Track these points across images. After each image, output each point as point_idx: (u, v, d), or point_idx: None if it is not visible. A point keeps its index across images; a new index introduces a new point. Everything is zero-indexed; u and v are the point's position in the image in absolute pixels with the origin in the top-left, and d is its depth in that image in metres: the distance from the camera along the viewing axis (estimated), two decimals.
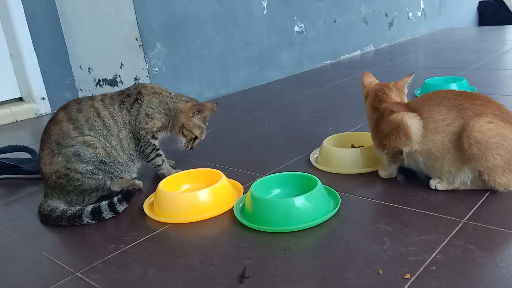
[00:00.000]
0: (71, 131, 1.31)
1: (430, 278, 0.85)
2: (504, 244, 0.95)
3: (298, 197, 1.11)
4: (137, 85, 1.48)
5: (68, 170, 1.29)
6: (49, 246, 1.17)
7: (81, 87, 2.83)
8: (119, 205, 1.25)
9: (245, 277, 0.92)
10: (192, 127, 1.47)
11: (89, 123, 1.33)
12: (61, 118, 1.34)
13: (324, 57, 3.36)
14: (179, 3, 2.45)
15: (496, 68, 2.64)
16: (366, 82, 1.36)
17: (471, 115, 1.12)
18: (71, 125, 1.32)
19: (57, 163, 1.29)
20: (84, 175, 1.30)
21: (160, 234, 1.15)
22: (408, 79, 1.34)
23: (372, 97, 1.31)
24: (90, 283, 0.97)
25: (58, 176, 1.30)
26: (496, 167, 1.09)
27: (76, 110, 1.35)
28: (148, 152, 1.42)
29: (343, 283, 0.87)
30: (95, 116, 1.35)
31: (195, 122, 1.47)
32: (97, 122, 1.34)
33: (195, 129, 1.48)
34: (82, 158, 1.30)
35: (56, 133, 1.31)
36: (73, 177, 1.29)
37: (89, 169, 1.30)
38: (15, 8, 2.55)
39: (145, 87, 1.46)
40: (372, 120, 1.30)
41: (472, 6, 5.21)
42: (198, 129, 1.48)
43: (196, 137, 1.49)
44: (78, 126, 1.32)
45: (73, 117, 1.33)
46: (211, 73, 2.66)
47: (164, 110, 1.44)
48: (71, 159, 1.29)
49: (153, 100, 1.42)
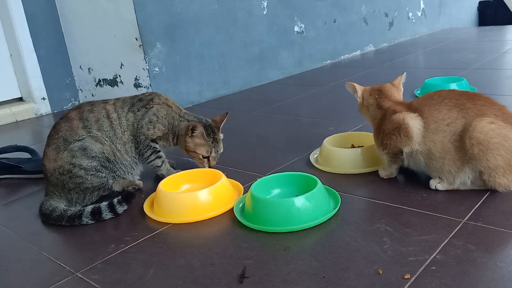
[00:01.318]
0: (79, 130, 1.33)
1: (430, 278, 0.85)
2: (504, 244, 0.95)
3: (298, 197, 1.11)
4: (152, 93, 1.48)
5: (72, 165, 1.30)
6: (49, 246, 1.17)
7: (81, 87, 2.83)
8: (119, 206, 1.25)
9: (245, 277, 0.92)
10: (194, 147, 1.42)
11: (98, 123, 1.35)
12: (73, 116, 1.36)
13: (324, 57, 3.36)
14: (179, 3, 2.45)
15: (496, 68, 2.65)
16: (357, 86, 1.36)
17: (472, 115, 1.12)
18: (81, 124, 1.34)
19: (62, 158, 1.30)
20: (88, 172, 1.30)
21: (160, 234, 1.15)
22: (401, 77, 1.37)
23: (376, 95, 1.32)
24: (90, 283, 0.97)
25: (61, 172, 1.30)
26: (497, 167, 1.10)
27: (89, 111, 1.37)
28: (148, 155, 1.42)
29: (343, 283, 0.87)
30: (105, 118, 1.37)
31: (195, 142, 1.41)
32: (105, 123, 1.36)
33: (199, 149, 1.42)
34: (88, 153, 1.31)
35: (64, 130, 1.33)
36: (76, 173, 1.30)
37: (93, 166, 1.31)
38: (15, 8, 2.55)
39: (159, 97, 1.46)
40: (376, 120, 1.30)
41: (472, 6, 5.21)
42: (202, 147, 1.42)
43: (204, 156, 1.43)
44: (87, 126, 1.34)
45: (84, 117, 1.36)
46: (211, 73, 2.66)
47: (168, 124, 1.43)
48: (77, 154, 1.30)
49: (161, 110, 1.42)
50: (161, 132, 1.42)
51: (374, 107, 1.32)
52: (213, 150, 1.44)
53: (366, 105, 1.34)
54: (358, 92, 1.36)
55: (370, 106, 1.33)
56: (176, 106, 1.48)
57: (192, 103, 2.56)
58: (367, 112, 1.35)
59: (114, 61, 2.54)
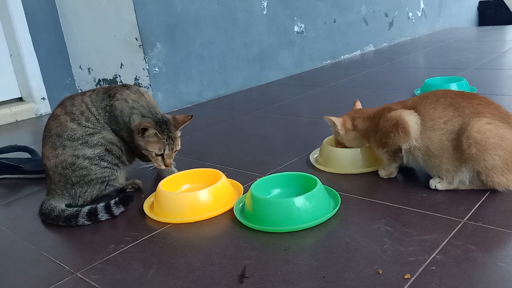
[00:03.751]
0: (68, 123, 1.34)
1: (430, 278, 0.85)
2: (504, 244, 0.95)
3: (298, 197, 1.11)
4: (118, 87, 1.42)
5: (75, 157, 1.31)
6: (49, 246, 1.17)
7: (81, 87, 2.83)
8: (116, 208, 1.25)
9: (245, 277, 0.92)
10: (145, 144, 1.34)
11: (84, 115, 1.36)
12: (58, 113, 1.37)
13: (324, 57, 3.36)
14: (179, 3, 2.45)
15: (496, 68, 2.65)
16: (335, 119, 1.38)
17: (469, 114, 1.12)
18: (68, 117, 1.35)
19: (63, 153, 1.31)
20: (92, 161, 1.31)
21: (160, 234, 1.15)
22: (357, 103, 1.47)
23: (357, 114, 1.37)
24: (90, 283, 0.97)
25: (64, 167, 1.31)
26: (495, 167, 1.10)
27: (71, 105, 1.38)
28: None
29: (343, 283, 0.87)
30: (87, 110, 1.37)
31: (146, 140, 1.33)
32: (89, 115, 1.36)
33: (150, 146, 1.34)
34: (89, 142, 1.32)
35: (55, 127, 1.35)
36: (80, 164, 1.31)
37: (97, 153, 1.32)
38: (15, 8, 2.55)
39: (122, 93, 1.38)
40: (369, 130, 1.33)
41: (472, 6, 5.21)
42: (154, 145, 1.33)
43: (158, 154, 1.35)
44: (75, 118, 1.35)
45: (69, 111, 1.36)
46: (211, 73, 2.66)
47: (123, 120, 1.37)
48: (78, 146, 1.31)
49: (118, 106, 1.37)
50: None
51: (362, 121, 1.34)
52: (167, 148, 1.35)
53: (351, 129, 1.36)
54: (338, 125, 1.37)
55: (357, 126, 1.35)
56: (136, 100, 1.38)
57: (192, 103, 2.56)
58: (355, 136, 1.37)
59: (114, 61, 2.54)
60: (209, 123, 1.55)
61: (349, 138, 1.38)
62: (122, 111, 1.36)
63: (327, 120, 1.40)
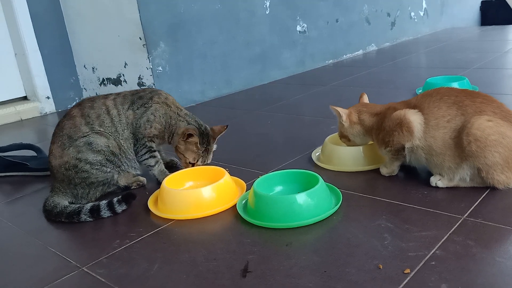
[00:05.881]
0: (82, 126, 1.35)
1: (430, 273, 0.87)
2: (503, 240, 0.96)
3: (300, 194, 1.12)
4: (153, 90, 1.48)
5: (77, 160, 1.32)
6: (54, 241, 1.19)
7: (85, 86, 2.85)
8: (118, 205, 1.26)
9: (248, 272, 0.94)
10: (184, 150, 1.42)
11: (100, 119, 1.37)
12: (75, 113, 1.38)
13: (326, 57, 3.37)
14: (182, 2, 2.47)
15: (498, 68, 2.65)
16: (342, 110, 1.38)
17: (471, 112, 1.13)
18: (83, 120, 1.36)
19: (67, 154, 1.32)
20: (93, 166, 1.32)
21: (164, 230, 1.16)
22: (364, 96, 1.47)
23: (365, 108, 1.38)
24: (96, 277, 0.98)
25: (67, 168, 1.32)
26: (495, 164, 1.11)
27: (89, 107, 1.39)
28: (142, 153, 1.42)
29: (344, 277, 0.88)
30: (105, 114, 1.38)
31: (187, 147, 1.41)
32: (106, 119, 1.37)
33: (187, 153, 1.42)
34: (94, 147, 1.33)
35: (68, 127, 1.35)
36: (82, 168, 1.32)
37: (98, 160, 1.33)
38: (19, 8, 2.57)
39: (159, 96, 1.45)
40: (374, 128, 1.33)
41: (474, 5, 5.21)
42: (191, 153, 1.42)
43: (191, 162, 1.43)
44: (89, 122, 1.36)
45: (86, 113, 1.37)
46: (213, 73, 2.68)
47: (165, 123, 1.43)
48: (82, 149, 1.32)
49: (159, 109, 1.43)
50: (157, 131, 1.42)
51: (368, 117, 1.34)
52: (200, 160, 1.44)
53: (357, 123, 1.36)
54: (343, 116, 1.37)
55: (363, 120, 1.36)
56: (176, 105, 1.48)
57: (195, 102, 2.58)
58: (359, 130, 1.37)
59: (118, 61, 2.56)
60: (212, 122, 1.57)
61: (353, 132, 1.38)
62: (166, 114, 1.43)
63: (333, 110, 1.40)
